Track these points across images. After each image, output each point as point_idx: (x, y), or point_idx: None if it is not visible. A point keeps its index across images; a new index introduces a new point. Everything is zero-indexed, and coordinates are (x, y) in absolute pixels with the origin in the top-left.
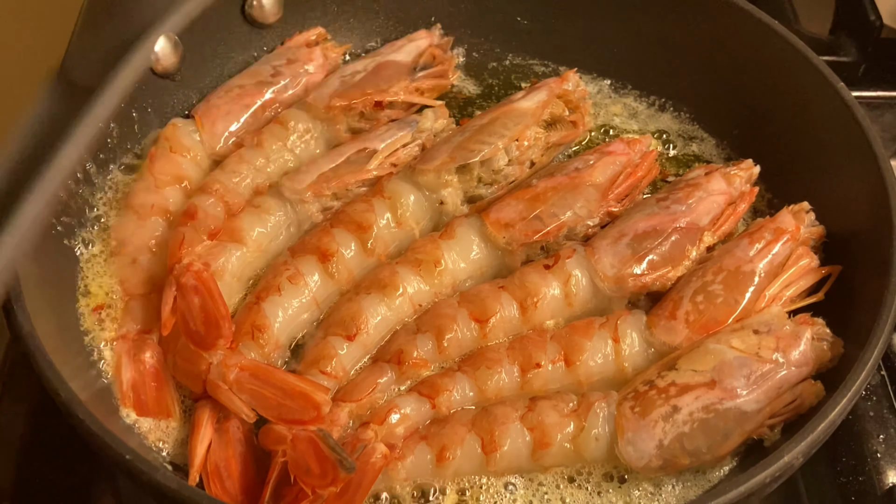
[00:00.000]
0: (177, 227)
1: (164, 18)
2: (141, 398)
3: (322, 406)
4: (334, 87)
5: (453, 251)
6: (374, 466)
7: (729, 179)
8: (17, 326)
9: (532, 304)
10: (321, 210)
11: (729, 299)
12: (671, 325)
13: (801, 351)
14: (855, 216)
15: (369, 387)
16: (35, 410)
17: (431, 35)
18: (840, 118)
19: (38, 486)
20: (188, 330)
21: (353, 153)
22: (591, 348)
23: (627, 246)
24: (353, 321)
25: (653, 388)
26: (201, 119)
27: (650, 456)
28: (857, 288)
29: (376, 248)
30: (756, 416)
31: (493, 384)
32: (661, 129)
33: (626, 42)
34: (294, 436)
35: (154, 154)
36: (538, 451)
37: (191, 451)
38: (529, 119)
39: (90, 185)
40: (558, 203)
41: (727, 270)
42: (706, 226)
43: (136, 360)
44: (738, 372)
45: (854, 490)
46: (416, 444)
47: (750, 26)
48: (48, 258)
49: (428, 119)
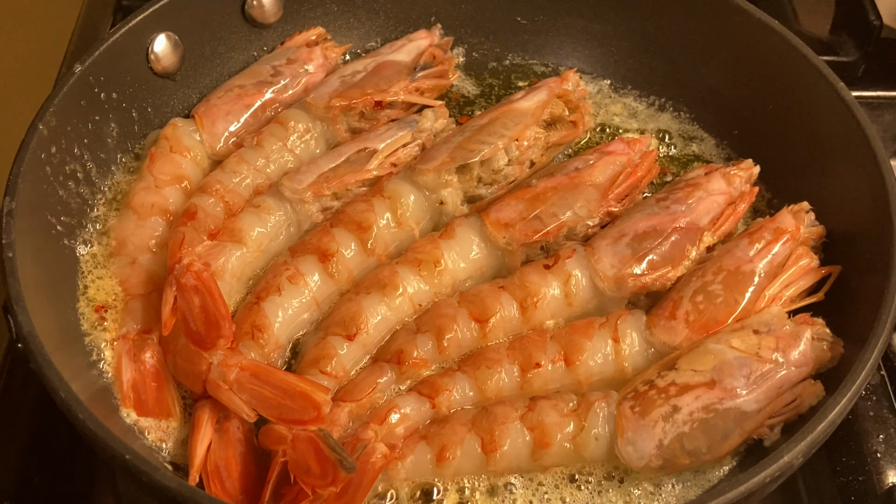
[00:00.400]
0: (177, 227)
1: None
2: (141, 398)
3: (322, 406)
4: (334, 87)
5: (453, 251)
6: (374, 466)
7: (729, 179)
8: (17, 326)
9: (532, 303)
10: (321, 210)
11: (729, 299)
12: (671, 325)
13: (800, 351)
14: (855, 216)
15: (369, 386)
16: (35, 410)
17: (432, 35)
18: (840, 118)
19: (38, 486)
20: (188, 330)
21: (353, 153)
22: (591, 348)
23: (627, 246)
24: (353, 321)
25: (653, 387)
26: (201, 119)
27: (650, 456)
28: (857, 288)
29: (376, 248)
30: (756, 416)
31: (494, 384)
32: (661, 129)
33: (626, 42)
34: (294, 436)
35: (154, 154)
36: (538, 450)
37: (191, 450)
38: (529, 119)
39: (90, 185)
40: (558, 203)
41: (727, 270)
42: (706, 226)
43: (136, 360)
44: (738, 372)
45: (854, 490)
46: (415, 443)
47: (750, 26)
48: (48, 258)
49: (428, 119)
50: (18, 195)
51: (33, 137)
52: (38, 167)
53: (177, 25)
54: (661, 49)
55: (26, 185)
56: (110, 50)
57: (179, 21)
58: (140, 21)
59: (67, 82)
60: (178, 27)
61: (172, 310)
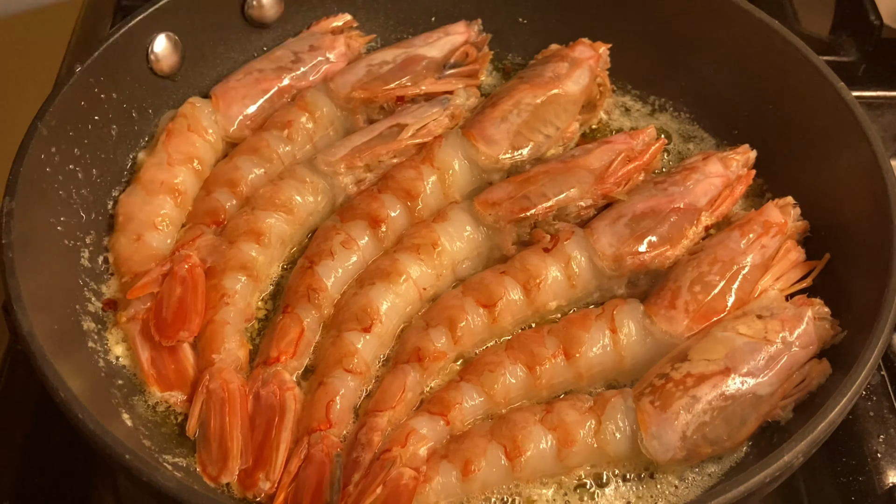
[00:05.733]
0: (198, 223)
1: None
2: (162, 373)
3: (218, 478)
4: (359, 76)
5: (448, 232)
6: (407, 488)
7: (726, 163)
8: (17, 326)
9: (535, 285)
10: (354, 182)
11: (725, 288)
12: (672, 315)
13: (804, 330)
14: (855, 216)
15: (398, 390)
16: (35, 410)
17: (469, 30)
18: (840, 118)
19: (38, 486)
20: (158, 313)
21: (385, 129)
22: (590, 340)
23: (626, 226)
24: (365, 313)
25: (669, 380)
26: (217, 100)
27: (675, 448)
28: (858, 287)
29: (423, 215)
30: (770, 399)
31: (501, 386)
32: (661, 129)
33: (626, 42)
34: (310, 454)
35: (171, 130)
36: (563, 450)
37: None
38: (576, 108)
39: (90, 186)
40: (549, 184)
41: (722, 261)
42: (704, 206)
43: (149, 338)
44: (750, 357)
45: (854, 490)
46: (438, 463)
47: (750, 26)
48: (48, 258)
49: (460, 97)
50: (18, 195)
51: (33, 137)
52: (38, 167)
53: (177, 25)
54: (661, 49)
55: (26, 185)
56: (110, 50)
57: (179, 21)
58: (140, 21)
59: (67, 82)
60: (178, 27)
61: (152, 284)
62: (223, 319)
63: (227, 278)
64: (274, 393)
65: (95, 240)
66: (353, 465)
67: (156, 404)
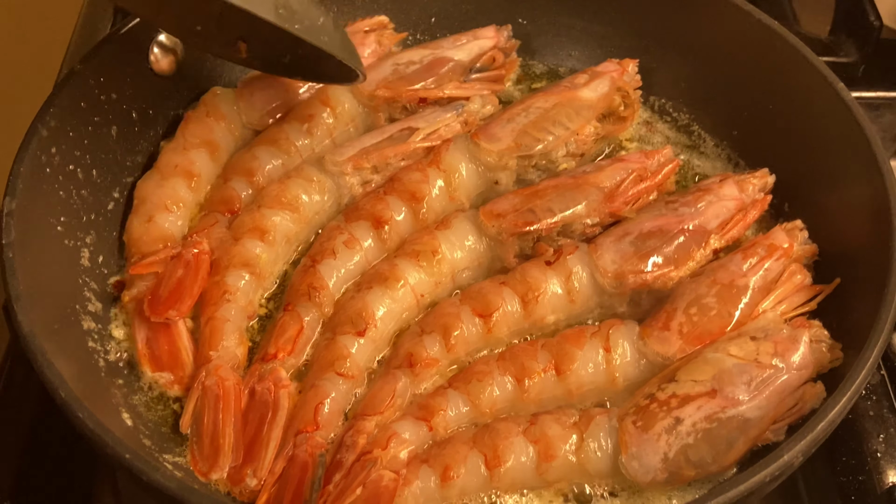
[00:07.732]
0: (214, 211)
1: None
2: (155, 354)
3: (209, 474)
4: (384, 75)
5: (450, 241)
6: (387, 490)
7: (742, 186)
8: (17, 326)
9: (533, 297)
10: (361, 183)
11: (723, 311)
12: (665, 336)
13: (800, 354)
14: (855, 216)
15: (388, 395)
16: (35, 410)
17: (499, 35)
18: (840, 118)
19: (38, 486)
20: (156, 290)
21: (395, 131)
22: (582, 357)
23: (631, 244)
24: (360, 317)
25: (654, 401)
26: (241, 89)
27: (655, 470)
28: (857, 287)
29: (427, 218)
30: (759, 423)
31: (487, 397)
32: (661, 130)
33: (627, 42)
34: (294, 455)
35: (190, 116)
36: (543, 464)
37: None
38: (591, 113)
39: (90, 186)
40: (556, 199)
41: (721, 284)
42: (714, 229)
43: (147, 318)
44: (738, 379)
45: (854, 490)
46: (418, 467)
47: (750, 27)
48: (48, 258)
49: (475, 103)
50: (18, 195)
51: (33, 138)
52: (39, 168)
53: None
54: (661, 49)
55: (26, 185)
56: (110, 50)
57: None
58: (140, 21)
59: (67, 83)
60: None
61: (157, 264)
62: (223, 316)
63: (230, 275)
64: (269, 389)
65: (95, 240)
66: (336, 466)
67: (155, 399)
